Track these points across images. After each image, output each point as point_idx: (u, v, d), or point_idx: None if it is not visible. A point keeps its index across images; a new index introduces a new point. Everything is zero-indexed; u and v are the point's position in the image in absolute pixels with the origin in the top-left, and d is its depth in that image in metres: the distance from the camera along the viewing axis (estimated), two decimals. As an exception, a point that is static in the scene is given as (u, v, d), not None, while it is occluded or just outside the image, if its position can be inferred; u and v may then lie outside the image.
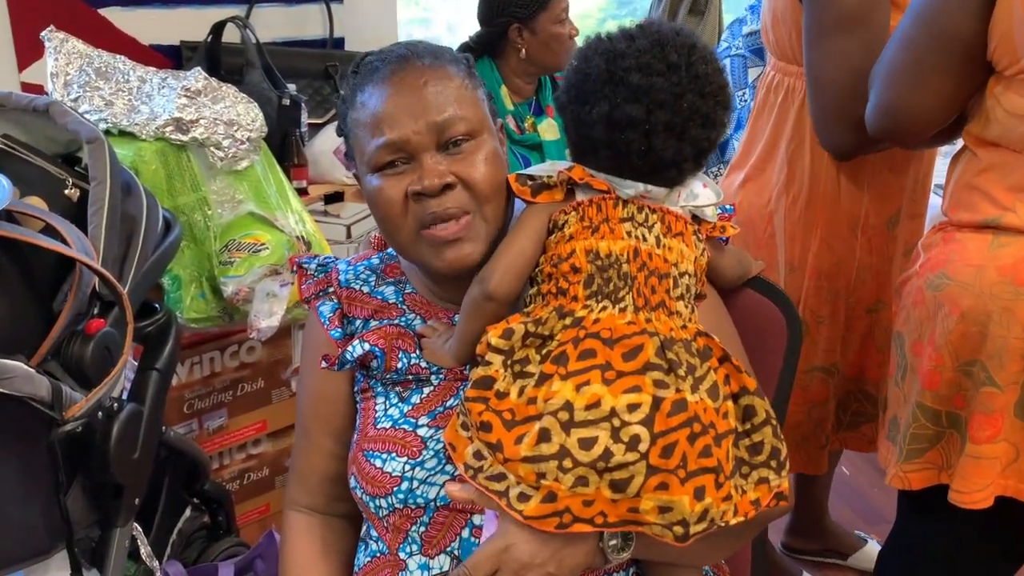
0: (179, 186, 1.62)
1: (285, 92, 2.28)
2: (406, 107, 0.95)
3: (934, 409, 1.22)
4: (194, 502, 1.44)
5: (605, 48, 0.92)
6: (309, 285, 1.11)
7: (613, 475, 0.82)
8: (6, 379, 0.83)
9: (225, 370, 1.85)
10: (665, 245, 0.92)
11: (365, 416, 1.05)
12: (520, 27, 2.28)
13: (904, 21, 1.22)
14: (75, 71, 1.69)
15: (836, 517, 2.17)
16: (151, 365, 1.14)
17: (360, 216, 2.22)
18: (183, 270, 1.62)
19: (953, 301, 1.18)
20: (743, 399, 0.91)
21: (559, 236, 0.93)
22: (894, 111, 1.25)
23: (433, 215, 0.95)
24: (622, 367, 0.85)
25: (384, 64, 0.98)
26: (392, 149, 0.95)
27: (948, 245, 1.23)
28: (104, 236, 1.02)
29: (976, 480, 1.18)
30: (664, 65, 0.89)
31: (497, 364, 0.89)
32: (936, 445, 1.23)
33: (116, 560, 1.07)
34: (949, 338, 1.18)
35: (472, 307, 0.95)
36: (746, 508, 0.89)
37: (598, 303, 0.89)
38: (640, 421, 0.83)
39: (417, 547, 0.99)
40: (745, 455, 0.91)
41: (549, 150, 2.39)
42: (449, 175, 0.95)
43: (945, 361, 1.19)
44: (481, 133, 0.98)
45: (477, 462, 0.87)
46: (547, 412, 0.84)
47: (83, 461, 0.98)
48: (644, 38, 0.91)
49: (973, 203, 1.21)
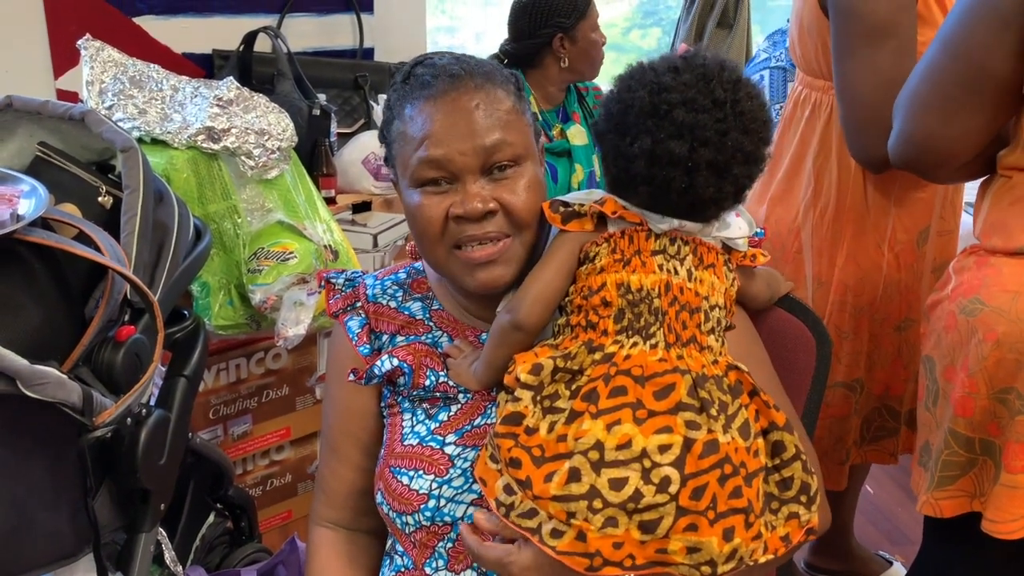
0: (210, 194, 1.64)
1: (315, 102, 2.29)
2: (455, 128, 0.94)
3: (967, 436, 1.19)
4: (218, 507, 1.45)
5: (649, 80, 0.89)
6: (337, 300, 1.11)
7: (643, 516, 0.81)
8: (39, 385, 0.84)
9: (251, 376, 1.87)
10: (697, 278, 0.91)
11: (392, 432, 1.05)
12: (563, 37, 2.29)
13: (933, 51, 1.19)
14: (110, 79, 1.71)
15: (860, 536, 2.14)
16: (179, 372, 1.15)
17: (387, 226, 2.23)
18: (212, 277, 1.63)
19: (988, 327, 1.15)
20: (772, 435, 0.90)
21: (590, 268, 0.92)
22: (918, 142, 1.22)
23: (471, 237, 0.95)
24: (653, 406, 0.83)
25: (436, 80, 0.97)
26: (436, 167, 0.95)
27: (982, 270, 1.20)
28: (136, 243, 1.03)
29: (1011, 510, 1.15)
30: (710, 101, 0.87)
31: (526, 400, 0.88)
32: (969, 472, 1.21)
33: (141, 564, 1.07)
34: (984, 364, 1.16)
35: (500, 335, 0.95)
36: (776, 545, 0.88)
37: (628, 338, 0.87)
38: (671, 463, 0.81)
39: (443, 562, 0.99)
40: (775, 490, 0.89)
41: (578, 155, 2.40)
42: (492, 201, 0.94)
43: (979, 388, 1.17)
44: (526, 160, 0.97)
45: (508, 498, 0.86)
46: (577, 451, 0.83)
47: (111, 466, 0.99)
48: (689, 72, 0.88)
49: (1009, 230, 1.18)
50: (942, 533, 1.32)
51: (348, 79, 2.61)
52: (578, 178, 2.39)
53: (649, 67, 0.91)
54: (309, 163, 2.20)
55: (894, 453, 1.74)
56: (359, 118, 2.61)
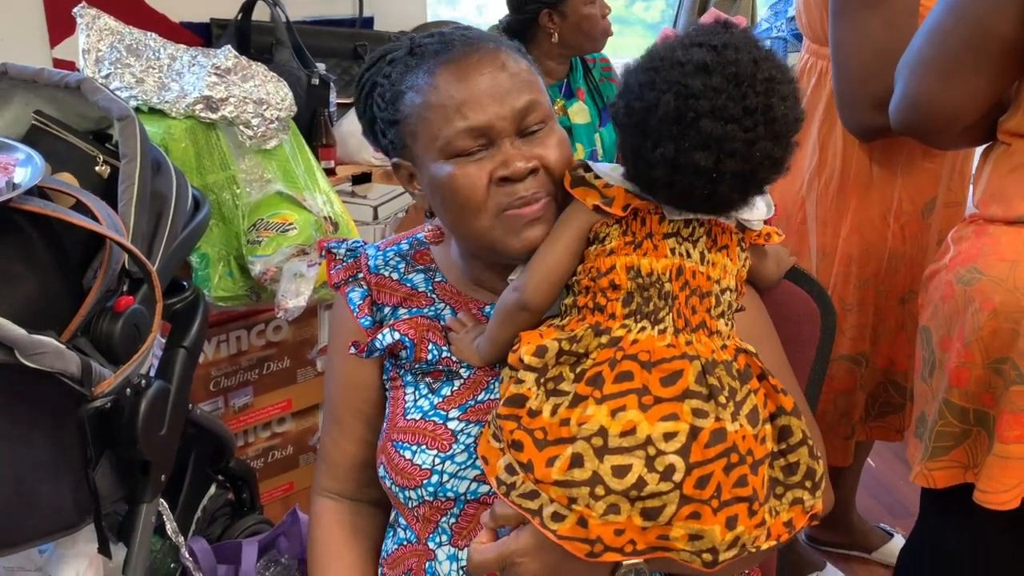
0: (208, 164, 1.62)
1: (314, 71, 2.27)
2: (489, 90, 0.91)
3: (962, 406, 1.19)
4: (219, 479, 1.45)
5: (676, 81, 0.81)
6: (338, 271, 1.09)
7: (645, 503, 0.80)
8: (37, 355, 0.84)
9: (251, 348, 1.86)
10: (709, 261, 0.88)
11: (395, 405, 1.04)
12: (550, 12, 2.27)
13: (937, 12, 1.18)
14: (106, 48, 1.69)
15: (862, 509, 2.15)
16: (179, 343, 1.14)
17: (387, 197, 2.22)
18: (211, 248, 1.62)
19: (985, 296, 1.15)
20: (779, 419, 0.88)
21: (599, 249, 0.88)
22: (920, 105, 1.20)
23: (520, 198, 0.91)
24: (660, 392, 0.82)
25: (450, 46, 0.93)
26: (476, 134, 0.91)
27: (980, 239, 1.19)
28: (134, 213, 1.02)
29: (1003, 480, 1.15)
30: (740, 110, 0.80)
31: (530, 382, 0.86)
32: (963, 443, 1.21)
33: (142, 535, 1.07)
34: (980, 334, 1.15)
35: (506, 314, 0.93)
36: (779, 531, 0.87)
37: (636, 323, 0.85)
38: (676, 451, 0.80)
39: (447, 537, 0.99)
40: (780, 475, 0.88)
41: (579, 134, 2.38)
42: (533, 159, 0.92)
43: (975, 358, 1.16)
44: (552, 119, 0.96)
45: (510, 477, 0.85)
46: (580, 436, 0.82)
47: (111, 437, 0.99)
48: (720, 74, 0.81)
49: (1008, 198, 1.17)
50: (936, 505, 1.33)
51: (347, 48, 2.59)
52: (578, 157, 2.37)
53: (676, 61, 0.82)
54: (308, 133, 2.18)
55: (900, 430, 1.73)
56: (359, 88, 2.58)
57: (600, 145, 2.42)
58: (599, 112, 2.45)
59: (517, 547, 0.88)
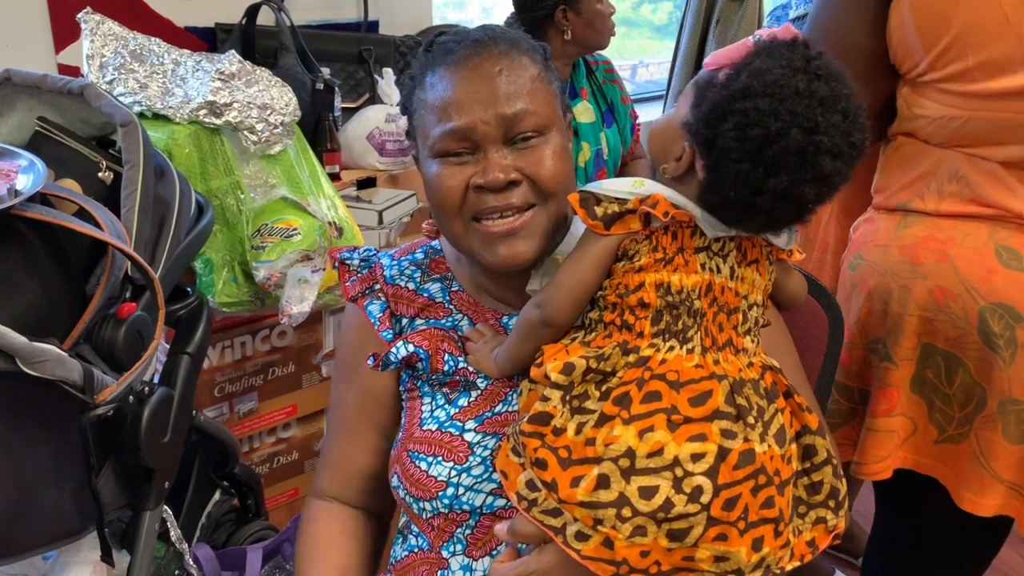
0: (212, 170, 1.62)
1: (319, 76, 2.27)
2: (476, 95, 0.91)
3: (846, 385, 1.27)
4: (224, 485, 1.45)
5: (801, 114, 0.79)
6: (354, 283, 1.08)
7: (672, 525, 0.79)
8: (39, 362, 0.83)
9: (256, 354, 1.86)
10: (739, 276, 0.87)
11: (411, 416, 1.03)
12: (565, 9, 2.26)
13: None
14: (111, 53, 1.69)
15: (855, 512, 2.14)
16: (182, 349, 1.14)
17: (393, 202, 2.21)
18: (215, 254, 1.62)
19: (864, 280, 1.23)
20: (804, 438, 0.88)
21: (627, 265, 0.87)
22: None
23: (492, 208, 0.91)
24: (688, 412, 0.81)
25: (459, 47, 0.94)
26: (457, 137, 0.91)
27: (867, 226, 1.28)
28: (137, 220, 1.02)
29: (874, 452, 1.21)
30: (847, 146, 0.80)
31: (555, 400, 0.85)
32: (851, 422, 1.28)
33: (146, 542, 1.07)
34: (859, 316, 1.23)
35: (527, 330, 0.92)
36: (802, 550, 0.86)
37: (665, 342, 0.84)
38: (704, 472, 0.79)
39: (462, 547, 0.98)
40: (803, 494, 0.88)
41: (585, 133, 2.37)
42: (514, 171, 0.91)
43: (855, 339, 1.24)
44: (550, 129, 0.94)
45: (531, 493, 0.84)
46: (607, 457, 0.81)
47: (114, 444, 0.98)
48: (835, 109, 0.80)
49: (890, 188, 1.25)
50: (881, 498, 1.38)
51: (352, 53, 2.58)
52: (584, 157, 2.37)
53: (796, 91, 0.79)
54: (313, 138, 2.18)
55: None
56: (363, 92, 2.58)
57: (605, 144, 2.42)
58: (602, 114, 2.45)
59: (539, 566, 0.87)
